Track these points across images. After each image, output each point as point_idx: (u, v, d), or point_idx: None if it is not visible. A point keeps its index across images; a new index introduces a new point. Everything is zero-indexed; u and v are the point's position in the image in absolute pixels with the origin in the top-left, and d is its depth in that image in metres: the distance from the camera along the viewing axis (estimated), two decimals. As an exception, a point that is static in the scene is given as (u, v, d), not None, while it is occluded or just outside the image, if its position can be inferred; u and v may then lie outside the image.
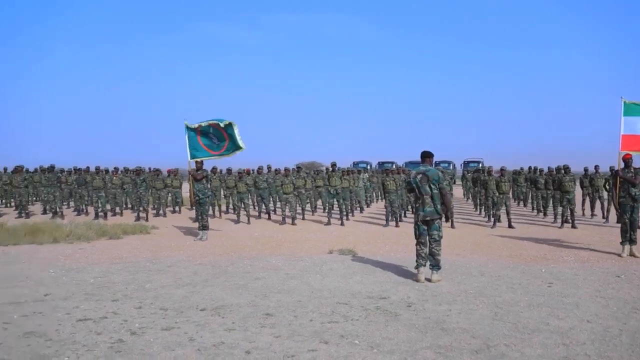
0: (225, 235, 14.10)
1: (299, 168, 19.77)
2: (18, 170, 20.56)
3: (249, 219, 17.49)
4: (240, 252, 11.27)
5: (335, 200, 17.20)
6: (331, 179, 17.34)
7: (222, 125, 13.58)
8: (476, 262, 9.86)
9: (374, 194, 26.39)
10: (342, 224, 16.50)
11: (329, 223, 16.56)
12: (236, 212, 18.03)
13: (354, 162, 41.26)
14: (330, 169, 18.52)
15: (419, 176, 8.48)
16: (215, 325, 5.98)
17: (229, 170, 21.07)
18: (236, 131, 13.56)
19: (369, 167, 39.67)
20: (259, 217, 18.95)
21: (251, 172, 20.49)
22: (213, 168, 20.47)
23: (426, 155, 8.67)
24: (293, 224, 16.66)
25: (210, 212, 19.19)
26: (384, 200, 17.77)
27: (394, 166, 32.15)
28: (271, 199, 20.81)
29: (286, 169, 18.64)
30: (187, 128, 13.79)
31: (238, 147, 13.61)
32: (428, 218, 8.38)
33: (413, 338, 5.52)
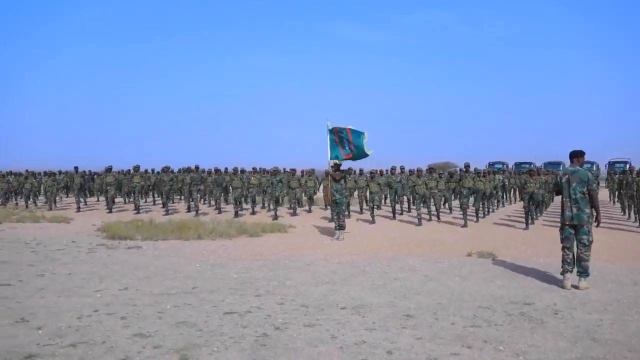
0: (360, 236, 14.19)
1: (431, 169, 19.54)
2: (165, 170, 21.89)
3: (373, 218, 17.46)
4: (377, 252, 11.31)
5: (467, 201, 16.80)
6: (464, 180, 17.01)
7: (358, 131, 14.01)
8: (627, 270, 9.26)
9: (511, 196, 25.53)
10: (465, 225, 16.10)
11: (465, 225, 16.20)
12: (371, 213, 18.05)
13: (489, 163, 40.10)
14: (464, 169, 18.16)
15: (566, 177, 8.08)
16: (356, 324, 6.04)
17: (360, 171, 21.21)
18: (365, 141, 13.98)
19: (505, 168, 38.36)
20: (393, 217, 18.88)
21: (384, 172, 20.54)
22: (348, 169, 20.70)
23: (575, 155, 8.21)
24: (418, 224, 16.49)
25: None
26: (522, 202, 17.07)
27: (531, 167, 30.87)
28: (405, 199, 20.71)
29: (418, 170, 18.46)
30: (329, 129, 14.17)
31: (364, 155, 14.07)
32: (575, 222, 7.96)
33: (562, 347, 5.28)
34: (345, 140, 14.13)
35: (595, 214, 8.19)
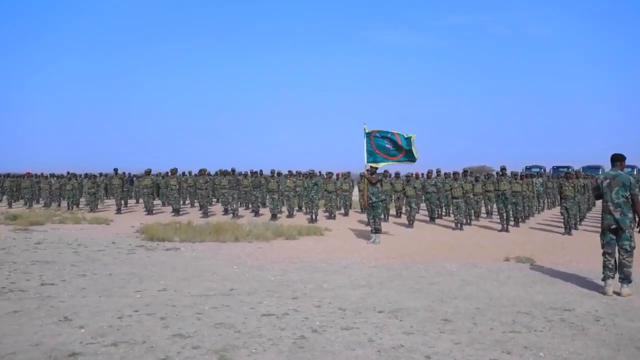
0: (396, 239, 14.15)
1: (465, 172, 19.38)
2: (202, 172, 22.12)
3: (410, 222, 17.40)
4: (413, 256, 11.25)
5: (503, 205, 16.59)
6: (500, 183, 16.83)
7: (404, 136, 13.86)
8: (671, 276, 9.04)
9: (547, 200, 25.12)
10: (506, 230, 15.89)
11: (503, 229, 16.02)
12: (408, 218, 17.95)
13: (526, 167, 39.50)
14: (500, 173, 17.98)
15: (607, 181, 7.92)
16: (394, 328, 6.02)
17: (397, 174, 21.13)
18: (414, 145, 13.82)
19: (543, 172, 37.71)
20: (431, 221, 18.79)
21: (420, 175, 20.44)
22: (384, 172, 20.64)
23: (616, 159, 8.03)
24: (460, 229, 16.34)
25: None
26: (560, 207, 16.77)
27: (569, 170, 30.27)
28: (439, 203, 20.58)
29: (454, 173, 18.32)
30: (365, 132, 14.16)
31: (413, 159, 13.89)
32: (614, 226, 7.79)
33: (604, 355, 5.18)
34: (389, 143, 14.00)
35: (637, 219, 8.02)
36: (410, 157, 13.97)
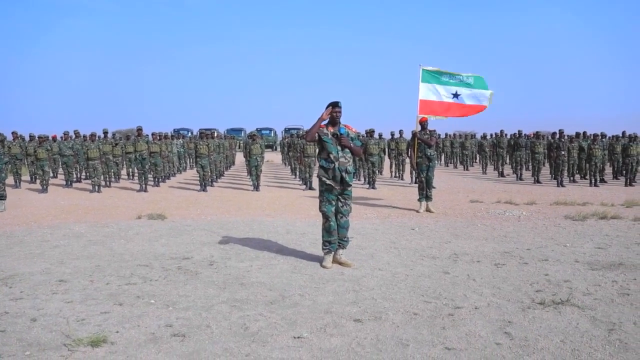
0: (27, 205, 13.13)
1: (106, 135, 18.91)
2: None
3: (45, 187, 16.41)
4: (41, 221, 10.55)
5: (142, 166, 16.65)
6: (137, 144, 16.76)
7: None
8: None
9: (189, 160, 25.89)
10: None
11: (141, 189, 16.10)
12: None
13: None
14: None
15: None
16: (0, 296, 5.57)
17: (31, 137, 19.58)
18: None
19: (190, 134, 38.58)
20: (67, 185, 17.89)
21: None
22: (13, 132, 18.87)
23: None
24: (98, 191, 15.99)
25: (12, 181, 17.85)
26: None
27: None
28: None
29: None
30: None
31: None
32: None
33: (211, 294, 5.55)
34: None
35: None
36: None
